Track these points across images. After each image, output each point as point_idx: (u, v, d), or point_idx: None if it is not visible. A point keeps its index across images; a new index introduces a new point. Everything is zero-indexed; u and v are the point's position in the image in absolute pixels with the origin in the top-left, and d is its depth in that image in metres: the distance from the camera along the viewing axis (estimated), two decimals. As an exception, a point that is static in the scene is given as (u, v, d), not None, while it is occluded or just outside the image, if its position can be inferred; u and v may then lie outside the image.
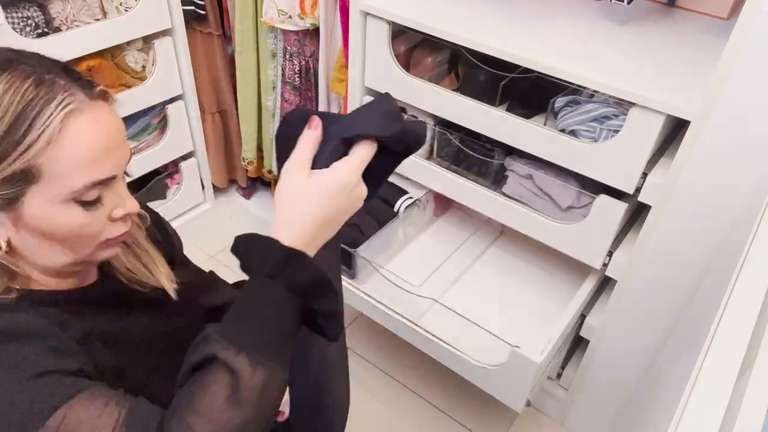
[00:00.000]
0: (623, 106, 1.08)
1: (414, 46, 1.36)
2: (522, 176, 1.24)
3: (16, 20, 1.29)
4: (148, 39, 1.60)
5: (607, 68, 1.05)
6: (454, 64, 1.37)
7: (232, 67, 1.84)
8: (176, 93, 1.76)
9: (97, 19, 1.46)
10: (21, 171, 0.56)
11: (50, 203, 0.59)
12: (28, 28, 1.31)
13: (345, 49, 1.46)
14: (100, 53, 1.50)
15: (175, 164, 1.94)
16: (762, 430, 0.49)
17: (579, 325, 1.32)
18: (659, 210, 1.06)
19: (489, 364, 1.15)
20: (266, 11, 1.56)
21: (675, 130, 1.11)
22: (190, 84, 1.79)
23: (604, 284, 1.34)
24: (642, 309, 1.19)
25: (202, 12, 1.70)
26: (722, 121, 0.91)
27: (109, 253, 0.68)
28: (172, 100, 1.77)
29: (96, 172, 0.60)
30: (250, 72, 1.77)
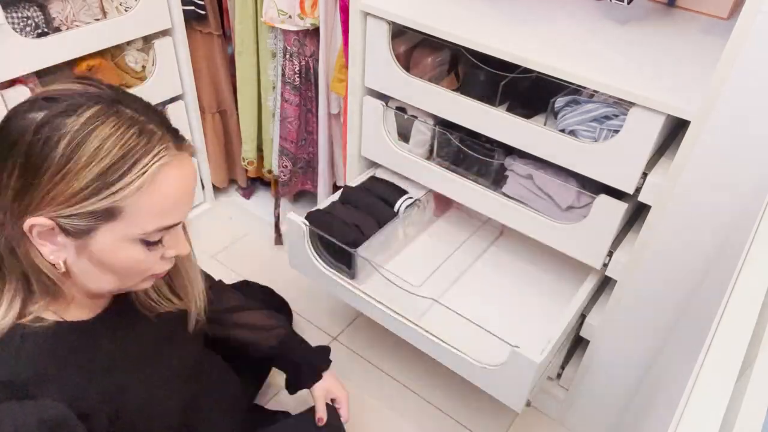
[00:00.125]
0: (623, 106, 1.08)
1: (414, 46, 1.36)
2: (522, 176, 1.24)
3: (16, 20, 1.29)
4: (148, 39, 1.60)
5: (607, 68, 1.05)
6: (454, 64, 1.37)
7: (232, 67, 1.84)
8: (176, 93, 1.76)
9: (97, 19, 1.46)
10: (105, 209, 0.60)
11: (118, 240, 0.63)
12: (28, 28, 1.31)
13: (345, 49, 1.46)
14: (100, 53, 1.50)
15: (175, 164, 1.93)
16: (762, 430, 0.49)
17: (579, 325, 1.32)
18: (659, 210, 1.06)
19: (489, 364, 1.15)
20: (266, 11, 1.56)
21: (675, 130, 1.11)
22: (190, 84, 1.79)
23: (604, 284, 1.34)
24: (642, 309, 1.19)
25: (202, 12, 1.70)
26: (722, 121, 0.91)
27: (148, 284, 0.73)
28: (172, 100, 1.77)
29: (168, 219, 0.65)
30: (250, 72, 1.77)
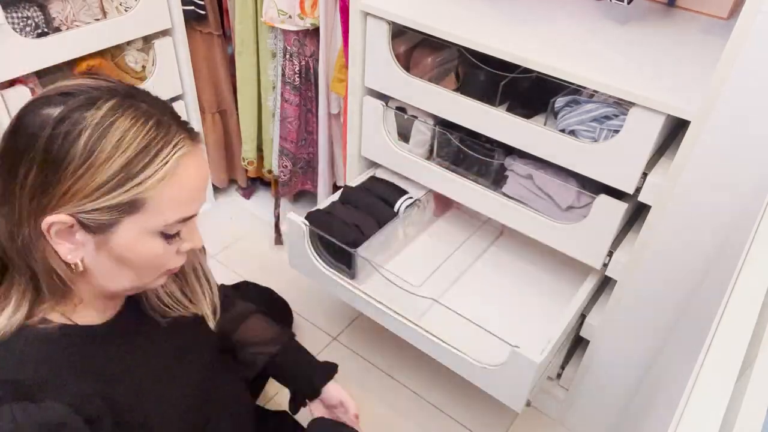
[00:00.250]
0: (623, 106, 1.08)
1: (414, 46, 1.36)
2: (522, 176, 1.24)
3: (16, 20, 1.29)
4: (148, 39, 1.60)
5: (607, 68, 1.05)
6: (454, 64, 1.37)
7: (232, 67, 1.84)
8: (176, 93, 1.76)
9: (97, 19, 1.46)
10: (128, 201, 0.60)
11: (139, 233, 0.63)
12: (28, 28, 1.31)
13: (345, 49, 1.46)
14: (100, 53, 1.50)
15: (175, 164, 1.94)
16: (762, 430, 0.49)
17: (579, 325, 1.32)
18: (659, 210, 1.06)
19: (489, 364, 1.15)
20: (266, 11, 1.56)
21: (675, 130, 1.11)
22: (190, 84, 1.79)
23: (604, 284, 1.34)
24: (642, 309, 1.19)
25: (202, 12, 1.70)
26: (722, 121, 0.91)
27: (162, 282, 0.72)
28: (172, 100, 1.77)
29: (188, 210, 0.65)
30: (250, 72, 1.77)
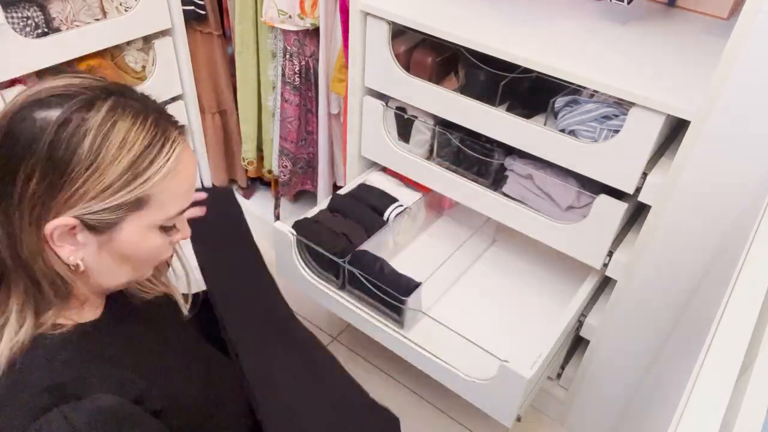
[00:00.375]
0: (623, 106, 1.08)
1: (414, 46, 1.36)
2: (522, 176, 1.24)
3: (16, 20, 1.29)
4: (148, 39, 1.60)
5: (607, 68, 1.05)
6: (454, 64, 1.37)
7: (232, 67, 1.84)
8: (176, 93, 1.76)
9: (97, 19, 1.46)
10: (135, 199, 0.61)
11: (142, 228, 0.64)
12: (28, 28, 1.31)
13: (345, 49, 1.46)
14: (100, 53, 1.49)
15: (175, 164, 1.93)
16: (762, 430, 0.49)
17: (579, 325, 1.32)
18: (659, 210, 1.06)
19: (478, 378, 1.13)
20: (266, 11, 1.56)
21: (675, 130, 1.11)
22: (190, 84, 1.79)
23: (604, 284, 1.34)
24: (642, 309, 1.19)
25: (202, 12, 1.70)
26: (722, 121, 0.91)
27: (151, 272, 0.74)
28: (172, 100, 1.76)
29: (185, 202, 0.67)
30: (250, 72, 1.77)
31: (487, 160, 1.29)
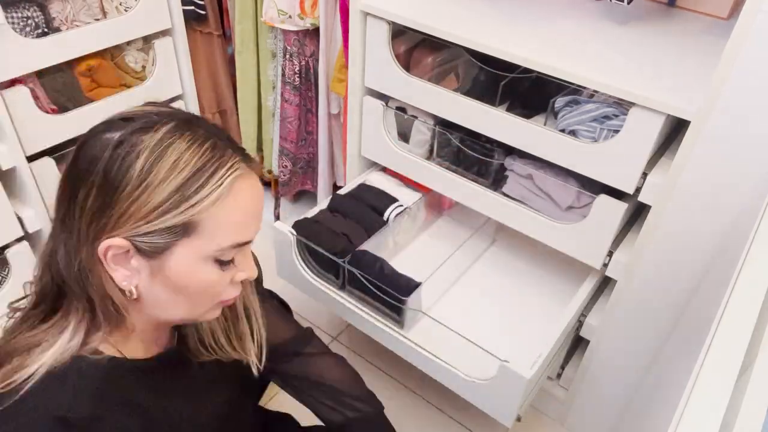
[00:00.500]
0: (623, 106, 1.08)
1: (414, 46, 1.36)
2: (522, 176, 1.24)
3: (16, 20, 1.29)
4: (148, 39, 1.60)
5: (607, 68, 1.05)
6: (454, 64, 1.37)
7: (232, 67, 1.84)
8: (176, 93, 1.76)
9: (97, 19, 1.46)
10: (183, 223, 0.60)
11: (193, 258, 0.62)
12: (28, 28, 1.31)
13: (345, 49, 1.46)
14: (100, 53, 1.50)
15: (175, 164, 1.93)
16: (762, 430, 0.49)
17: (579, 325, 1.32)
18: (659, 210, 1.06)
19: (478, 378, 1.13)
20: (266, 11, 1.56)
21: (675, 130, 1.11)
22: (190, 84, 1.79)
23: (604, 284, 1.34)
24: (642, 309, 1.19)
25: (202, 12, 1.70)
26: (722, 121, 0.91)
27: (215, 314, 0.71)
28: (172, 100, 1.76)
29: (242, 235, 0.64)
30: (250, 72, 1.77)
31: (487, 160, 1.29)
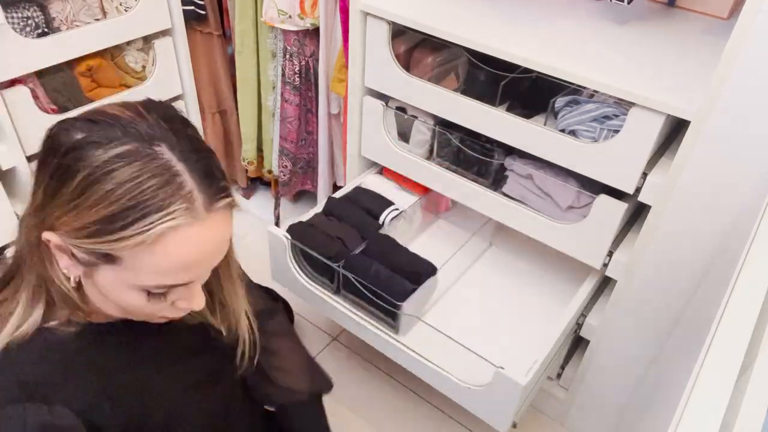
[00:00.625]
0: (623, 106, 1.08)
1: (414, 46, 1.36)
2: (522, 176, 1.24)
3: (16, 20, 1.29)
4: (148, 39, 1.60)
5: (607, 68, 1.05)
6: (454, 64, 1.37)
7: (232, 67, 1.84)
8: (176, 93, 1.76)
9: (97, 19, 1.46)
10: (103, 253, 0.57)
11: (119, 282, 0.60)
12: (28, 28, 1.31)
13: (345, 49, 1.46)
14: (100, 53, 1.50)
15: (175, 164, 1.93)
16: (762, 430, 0.49)
17: (579, 326, 1.32)
18: (659, 210, 1.06)
19: (473, 385, 1.12)
20: (266, 11, 1.56)
21: (675, 130, 1.11)
22: (190, 84, 1.79)
23: (604, 284, 1.34)
24: (642, 309, 1.19)
25: (202, 12, 1.70)
26: (722, 121, 0.91)
27: (162, 321, 0.69)
28: (172, 100, 1.76)
29: (172, 280, 0.60)
30: (250, 72, 1.77)
31: (487, 160, 1.29)
